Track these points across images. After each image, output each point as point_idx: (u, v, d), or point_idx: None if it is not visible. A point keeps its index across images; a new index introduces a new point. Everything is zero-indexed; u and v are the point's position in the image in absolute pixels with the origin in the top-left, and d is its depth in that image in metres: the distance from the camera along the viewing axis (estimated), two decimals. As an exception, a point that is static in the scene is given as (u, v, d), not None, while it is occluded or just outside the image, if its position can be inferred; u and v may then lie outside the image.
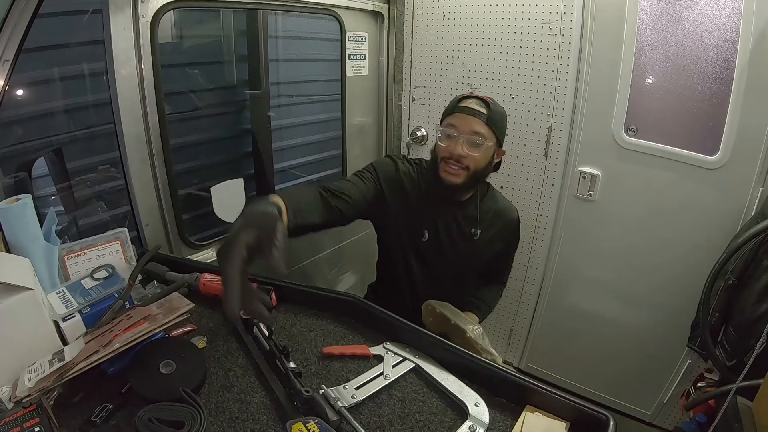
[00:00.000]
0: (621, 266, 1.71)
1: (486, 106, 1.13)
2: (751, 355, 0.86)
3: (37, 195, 1.33)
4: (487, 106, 1.12)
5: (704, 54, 1.39)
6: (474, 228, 1.23)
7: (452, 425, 0.72)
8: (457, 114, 1.13)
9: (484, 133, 1.11)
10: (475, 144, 1.11)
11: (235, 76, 2.02)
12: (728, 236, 1.36)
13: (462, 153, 1.10)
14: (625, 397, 1.83)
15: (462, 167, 1.12)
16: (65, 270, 0.98)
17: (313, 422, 0.66)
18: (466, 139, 1.11)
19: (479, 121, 1.11)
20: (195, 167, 1.87)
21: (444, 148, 1.13)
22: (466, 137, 1.11)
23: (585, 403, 0.71)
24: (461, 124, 1.11)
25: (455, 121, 1.13)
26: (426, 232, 1.23)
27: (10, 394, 0.69)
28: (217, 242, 1.12)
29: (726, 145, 1.40)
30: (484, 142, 1.11)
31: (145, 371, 0.75)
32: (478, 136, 1.11)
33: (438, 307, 1.12)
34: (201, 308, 0.99)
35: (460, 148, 1.10)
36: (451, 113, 1.16)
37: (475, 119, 1.11)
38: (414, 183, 1.22)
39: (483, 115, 1.11)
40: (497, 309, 2.05)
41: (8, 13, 0.97)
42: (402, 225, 1.23)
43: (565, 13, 1.56)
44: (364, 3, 1.82)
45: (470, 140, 1.11)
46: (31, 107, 1.41)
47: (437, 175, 1.16)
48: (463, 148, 1.11)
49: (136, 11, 1.16)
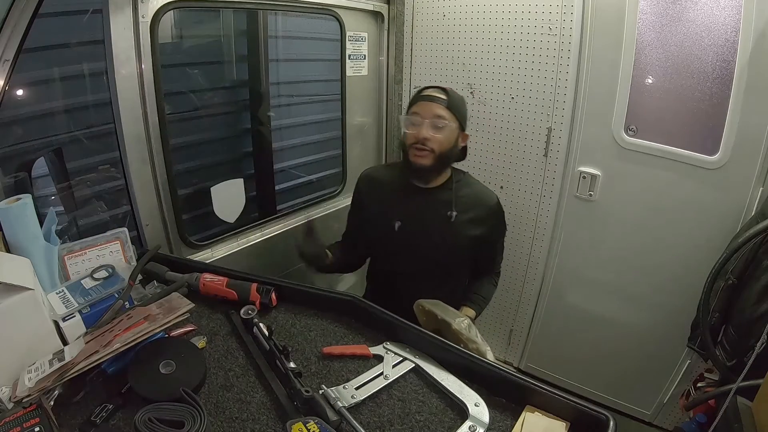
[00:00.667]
0: (621, 266, 1.71)
1: (445, 92, 1.23)
2: (751, 355, 0.86)
3: (37, 195, 1.33)
4: (446, 93, 1.23)
5: (704, 54, 1.39)
6: (449, 211, 1.27)
7: (452, 425, 0.72)
8: (419, 102, 1.24)
9: (445, 116, 1.21)
10: (437, 127, 1.21)
11: (235, 76, 2.02)
12: (728, 236, 1.36)
13: (427, 135, 1.20)
14: (625, 397, 1.83)
15: (428, 150, 1.21)
16: (65, 270, 0.98)
17: (313, 422, 0.66)
18: (430, 123, 1.20)
19: (440, 105, 1.21)
20: (195, 167, 1.87)
21: (410, 134, 1.23)
22: (429, 121, 1.20)
23: (585, 403, 0.71)
24: (423, 111, 1.22)
25: (418, 108, 1.23)
26: (397, 223, 1.29)
27: (10, 394, 0.69)
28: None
29: (726, 145, 1.40)
30: (446, 125, 1.21)
31: (145, 371, 0.75)
32: (440, 119, 1.21)
33: (427, 305, 1.14)
34: (201, 308, 0.99)
35: (424, 131, 1.20)
36: (414, 103, 1.26)
37: (436, 104, 1.21)
38: (388, 180, 1.35)
39: (443, 100, 1.22)
40: (497, 309, 2.06)
41: (8, 13, 0.97)
42: (374, 220, 1.35)
43: (565, 13, 1.55)
44: (364, 3, 1.82)
45: (433, 123, 1.20)
46: (31, 107, 1.41)
47: (408, 161, 1.25)
48: (428, 131, 1.20)
49: (136, 11, 1.16)
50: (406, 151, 1.25)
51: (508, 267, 1.93)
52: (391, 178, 1.35)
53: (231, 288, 1.00)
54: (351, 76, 1.88)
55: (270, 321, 0.96)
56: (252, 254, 1.64)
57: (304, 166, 2.39)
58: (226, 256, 1.55)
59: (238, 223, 1.63)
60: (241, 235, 1.62)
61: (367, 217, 1.38)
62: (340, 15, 1.76)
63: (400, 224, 1.29)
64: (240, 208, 1.65)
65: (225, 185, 1.62)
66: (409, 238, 1.29)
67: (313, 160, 2.42)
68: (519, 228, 1.88)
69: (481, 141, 1.86)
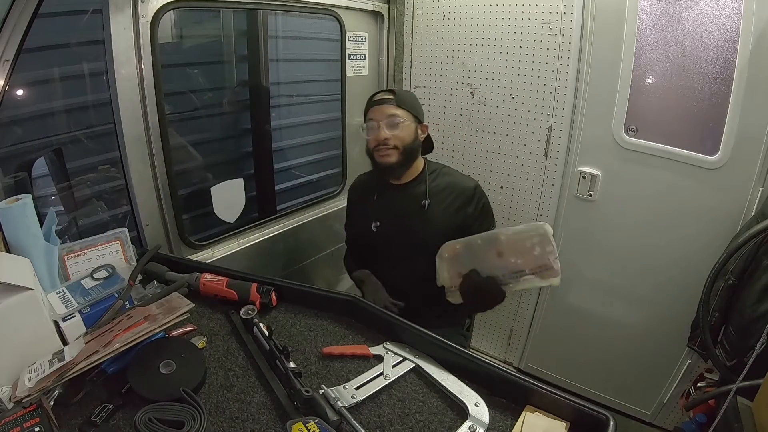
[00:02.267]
0: (621, 266, 1.71)
1: (392, 93, 1.32)
2: (751, 355, 0.86)
3: (37, 195, 1.33)
4: (393, 93, 1.31)
5: (704, 54, 1.39)
6: (423, 200, 1.32)
7: (452, 425, 0.72)
8: (371, 108, 1.31)
9: (398, 114, 1.28)
10: (393, 125, 1.27)
11: (235, 76, 2.02)
12: (728, 236, 1.36)
13: (385, 135, 1.27)
14: (625, 397, 1.83)
15: (390, 147, 1.27)
16: (65, 270, 0.98)
17: (313, 422, 0.66)
18: (385, 124, 1.27)
19: (390, 105, 1.29)
20: (195, 167, 1.86)
21: (371, 139, 1.30)
22: (385, 122, 1.27)
23: (585, 403, 0.71)
24: (377, 114, 1.29)
25: (372, 114, 1.30)
26: (375, 224, 1.36)
27: (10, 394, 0.69)
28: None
29: (726, 145, 1.40)
30: (401, 121, 1.28)
31: (145, 371, 0.75)
32: (394, 117, 1.27)
33: (450, 249, 1.13)
34: (201, 308, 0.99)
35: (382, 133, 1.27)
36: (367, 111, 1.33)
37: (386, 105, 1.29)
38: (368, 185, 1.42)
39: (391, 100, 1.29)
40: (497, 309, 2.03)
41: (8, 13, 0.97)
42: (358, 225, 1.44)
43: (565, 13, 1.55)
44: (364, 3, 1.82)
45: (388, 123, 1.27)
46: (31, 107, 1.41)
47: (376, 163, 1.33)
48: (385, 131, 1.27)
49: (136, 11, 1.16)
50: (373, 155, 1.32)
51: (508, 267, 1.93)
52: (370, 183, 1.43)
53: (231, 288, 1.00)
54: (351, 76, 1.88)
55: (270, 321, 0.96)
56: (252, 254, 1.64)
57: (304, 166, 2.40)
58: (226, 256, 1.55)
59: (238, 223, 1.63)
60: (241, 235, 1.62)
61: (354, 224, 1.49)
62: (340, 15, 1.76)
63: (378, 224, 1.36)
64: (240, 208, 1.65)
65: (225, 185, 1.62)
66: (386, 234, 1.35)
67: (313, 160, 2.42)
68: (519, 228, 1.88)
69: (481, 141, 1.86)
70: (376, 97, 1.33)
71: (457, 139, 1.92)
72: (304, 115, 2.36)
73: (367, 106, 1.34)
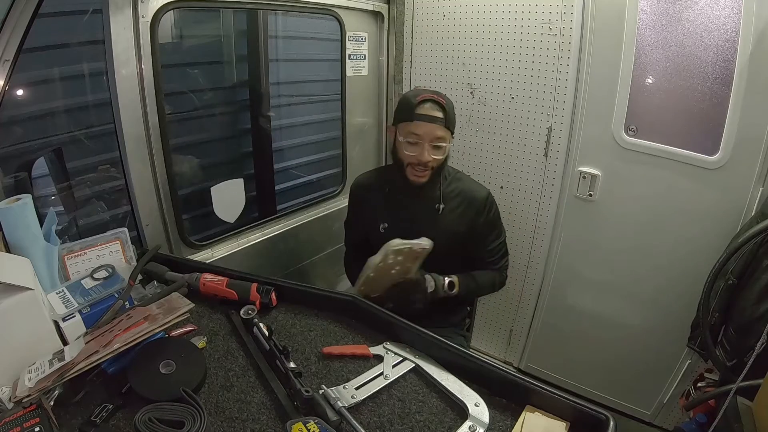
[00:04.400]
0: (621, 266, 1.71)
1: (442, 109, 1.17)
2: (751, 355, 0.86)
3: (37, 195, 1.33)
4: (443, 110, 1.17)
5: (704, 54, 1.39)
6: (438, 204, 1.28)
7: (452, 425, 0.72)
8: (418, 122, 1.17)
9: (445, 137, 1.19)
10: (438, 147, 1.19)
11: (235, 76, 2.02)
12: (728, 236, 1.35)
13: (429, 159, 1.18)
14: (625, 397, 1.83)
15: (428, 169, 1.21)
16: (65, 270, 0.98)
17: (313, 422, 0.66)
18: (430, 146, 1.17)
19: (439, 126, 1.17)
20: (195, 167, 1.87)
21: (410, 155, 1.20)
22: (430, 144, 1.17)
23: (585, 403, 0.71)
24: (424, 132, 1.16)
25: (417, 129, 1.17)
26: (383, 225, 1.30)
27: (10, 394, 0.69)
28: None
29: (726, 145, 1.40)
30: (445, 145, 1.20)
31: (145, 371, 0.75)
32: (441, 140, 1.18)
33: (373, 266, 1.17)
34: (201, 308, 0.99)
35: (426, 155, 1.17)
36: (410, 119, 1.18)
37: (436, 125, 1.16)
38: (377, 185, 1.35)
39: (442, 120, 1.17)
40: (497, 309, 2.06)
41: (8, 13, 0.97)
42: (366, 226, 1.36)
43: (565, 13, 1.55)
44: (364, 3, 1.82)
45: (434, 145, 1.18)
46: (31, 107, 1.41)
47: (405, 177, 1.24)
48: (429, 154, 1.17)
49: (136, 11, 1.16)
50: (403, 167, 1.23)
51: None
52: (380, 182, 1.36)
53: (231, 288, 1.00)
54: (351, 76, 1.88)
55: (270, 321, 0.96)
56: (252, 254, 1.64)
57: (304, 166, 2.40)
58: (226, 256, 1.55)
59: (238, 223, 1.63)
60: (241, 235, 1.62)
61: (362, 224, 1.41)
62: (340, 15, 1.76)
63: (386, 226, 1.31)
64: (240, 208, 1.65)
65: (225, 185, 1.62)
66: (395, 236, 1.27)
67: (313, 160, 2.42)
68: (519, 228, 1.88)
69: (481, 141, 1.86)
70: (424, 108, 1.16)
71: (457, 139, 1.88)
72: (304, 115, 2.37)
73: (411, 113, 1.17)
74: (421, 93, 1.20)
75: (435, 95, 1.19)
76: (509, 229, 1.88)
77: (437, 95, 1.19)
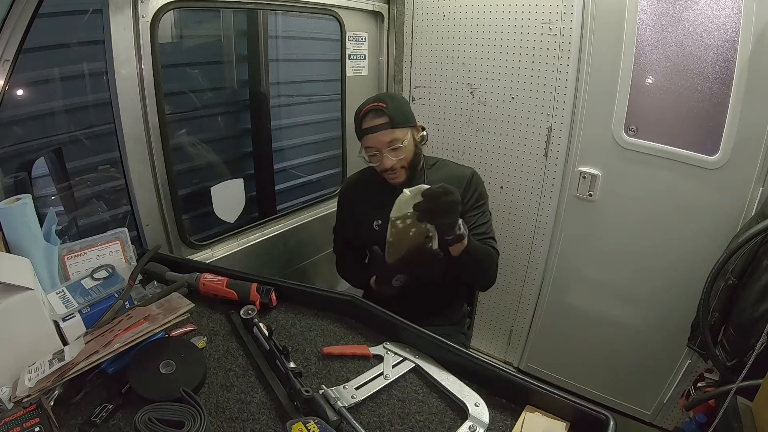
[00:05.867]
0: (621, 266, 1.71)
1: (382, 113, 1.17)
2: (751, 355, 0.86)
3: (37, 195, 1.33)
4: (383, 113, 1.17)
5: (704, 54, 1.39)
6: None
7: (452, 425, 0.72)
8: (366, 137, 1.20)
9: (398, 137, 1.19)
10: (396, 149, 1.20)
11: (235, 76, 2.02)
12: (728, 236, 1.35)
13: (390, 164, 1.20)
14: (625, 397, 1.83)
15: (398, 169, 1.23)
16: (65, 270, 0.98)
17: (313, 422, 0.66)
18: (386, 152, 1.19)
19: (385, 131, 1.18)
20: (195, 167, 1.87)
21: (376, 166, 1.24)
22: (385, 150, 1.19)
23: (585, 403, 0.71)
24: (374, 143, 1.20)
25: (368, 143, 1.21)
26: (377, 222, 1.31)
27: (10, 394, 0.69)
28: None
29: (726, 145, 1.40)
30: (402, 144, 1.19)
31: (145, 371, 0.76)
32: (394, 143, 1.19)
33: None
34: (201, 308, 0.99)
35: (386, 162, 1.20)
36: (360, 137, 1.23)
37: (381, 132, 1.18)
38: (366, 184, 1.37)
39: (386, 124, 1.17)
40: (497, 309, 2.06)
41: (8, 13, 0.97)
42: (360, 225, 1.36)
43: (565, 13, 1.55)
44: (364, 3, 1.82)
45: (390, 149, 1.19)
46: (31, 107, 1.41)
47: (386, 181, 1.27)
48: (389, 160, 1.20)
49: (136, 11, 1.16)
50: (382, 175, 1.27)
51: (508, 266, 1.93)
52: (369, 181, 1.37)
53: (231, 288, 1.00)
54: (351, 76, 1.88)
55: (270, 321, 0.96)
56: (252, 254, 1.64)
57: (304, 166, 2.40)
58: (226, 256, 1.55)
59: (238, 223, 1.63)
60: (241, 235, 1.62)
61: (355, 224, 1.40)
62: (340, 15, 1.76)
63: (380, 222, 1.31)
64: (240, 208, 1.65)
65: (225, 185, 1.62)
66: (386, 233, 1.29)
67: (313, 160, 2.42)
68: (519, 228, 1.88)
69: (481, 141, 1.86)
70: (366, 122, 1.20)
71: (457, 139, 1.92)
72: (304, 115, 2.37)
73: (360, 131, 1.22)
74: (363, 106, 1.22)
75: (375, 102, 1.20)
76: (509, 229, 1.89)
77: (377, 101, 1.20)
